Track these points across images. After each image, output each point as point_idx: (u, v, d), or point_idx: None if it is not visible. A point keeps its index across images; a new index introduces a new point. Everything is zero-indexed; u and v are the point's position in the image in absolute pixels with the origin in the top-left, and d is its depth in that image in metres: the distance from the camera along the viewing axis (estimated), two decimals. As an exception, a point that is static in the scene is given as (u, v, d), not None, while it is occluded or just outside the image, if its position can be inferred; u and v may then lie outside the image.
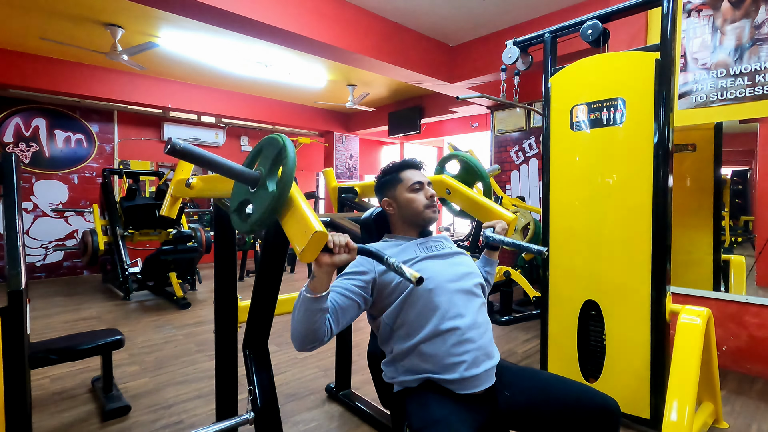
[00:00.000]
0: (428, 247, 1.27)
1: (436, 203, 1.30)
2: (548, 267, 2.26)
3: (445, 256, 1.26)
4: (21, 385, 1.29)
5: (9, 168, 1.38)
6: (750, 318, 2.56)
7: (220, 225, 1.72)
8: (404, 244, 1.27)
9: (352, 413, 2.14)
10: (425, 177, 1.32)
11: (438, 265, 1.21)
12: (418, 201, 1.28)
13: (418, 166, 1.35)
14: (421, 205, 1.28)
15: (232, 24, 3.16)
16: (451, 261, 1.26)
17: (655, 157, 1.88)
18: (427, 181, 1.31)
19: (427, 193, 1.29)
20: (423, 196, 1.28)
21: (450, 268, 1.22)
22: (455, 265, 1.25)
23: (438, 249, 1.28)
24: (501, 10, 3.72)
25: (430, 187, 1.31)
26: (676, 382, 1.67)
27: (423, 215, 1.28)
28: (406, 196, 1.29)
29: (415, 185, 1.29)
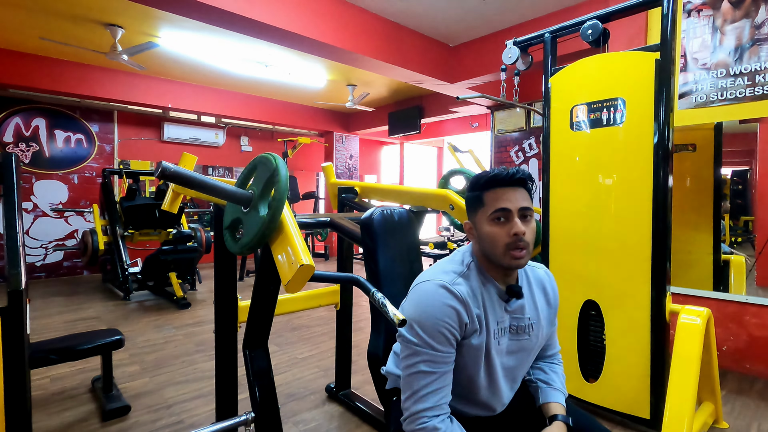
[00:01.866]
0: (515, 317, 1.02)
1: (526, 242, 0.94)
2: (548, 267, 2.26)
3: (520, 333, 1.03)
4: (21, 385, 1.29)
5: (9, 168, 1.38)
6: (750, 318, 2.56)
7: (220, 225, 1.72)
8: (492, 295, 1.00)
9: (352, 413, 2.14)
10: (520, 201, 0.95)
11: (506, 350, 1.03)
12: (496, 238, 0.94)
13: (514, 181, 0.96)
14: (501, 244, 0.94)
15: (232, 24, 3.16)
16: (521, 341, 1.04)
17: (655, 157, 1.87)
18: (519, 207, 0.94)
19: (513, 228, 0.93)
20: (506, 233, 0.94)
21: (514, 354, 1.04)
22: (522, 348, 1.04)
23: (519, 320, 1.03)
24: (501, 10, 3.72)
25: (526, 220, 0.95)
26: (676, 382, 1.67)
27: (502, 260, 0.95)
28: (485, 229, 0.97)
29: (498, 214, 0.95)
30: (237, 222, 1.24)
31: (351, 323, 2.33)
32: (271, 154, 1.17)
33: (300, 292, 1.41)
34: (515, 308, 1.02)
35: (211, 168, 7.09)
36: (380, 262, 1.35)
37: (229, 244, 1.24)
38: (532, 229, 0.96)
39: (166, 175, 0.97)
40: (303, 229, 1.26)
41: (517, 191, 0.96)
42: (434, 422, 0.91)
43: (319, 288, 2.12)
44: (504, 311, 1.01)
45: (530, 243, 0.95)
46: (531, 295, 1.05)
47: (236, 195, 1.17)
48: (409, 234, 1.51)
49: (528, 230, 0.94)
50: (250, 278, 5.75)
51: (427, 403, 0.92)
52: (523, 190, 0.97)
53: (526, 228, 0.94)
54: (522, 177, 0.96)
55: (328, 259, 7.24)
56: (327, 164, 2.41)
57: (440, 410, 0.93)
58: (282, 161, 1.15)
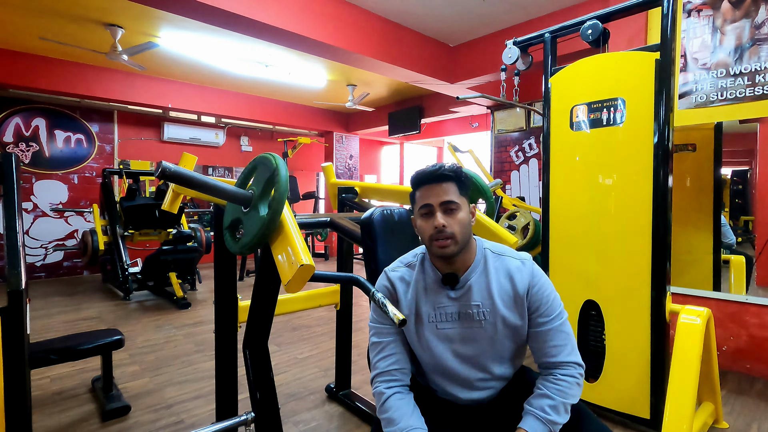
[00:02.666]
0: (462, 303, 1.04)
1: (449, 233, 0.99)
2: (548, 267, 2.26)
3: (470, 320, 1.04)
4: (21, 385, 1.29)
5: (9, 168, 1.38)
6: (750, 318, 2.56)
7: (220, 225, 1.72)
8: (429, 282, 1.07)
9: (352, 413, 2.14)
10: (442, 195, 1.00)
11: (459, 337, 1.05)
12: (424, 232, 1.03)
13: (435, 178, 1.01)
14: (427, 236, 1.01)
15: (232, 24, 3.16)
16: (473, 328, 1.04)
17: (655, 157, 1.87)
18: (441, 201, 1.00)
19: (434, 221, 0.99)
20: (431, 226, 1.00)
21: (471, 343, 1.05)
22: (477, 336, 1.04)
23: (467, 307, 1.04)
24: (501, 10, 3.72)
25: (450, 213, 1.00)
26: (676, 382, 1.67)
27: (431, 250, 1.03)
28: (417, 223, 1.05)
29: (424, 210, 1.03)
30: (237, 222, 1.24)
31: (351, 323, 2.33)
32: (271, 154, 1.17)
33: (300, 292, 1.41)
34: (460, 295, 1.04)
35: (211, 168, 7.09)
36: (380, 262, 1.35)
37: (229, 244, 1.24)
38: (459, 221, 0.99)
39: (166, 175, 0.97)
40: (303, 229, 1.26)
41: (441, 186, 1.01)
42: (381, 387, 1.05)
43: (319, 288, 2.12)
44: (447, 298, 1.05)
45: (457, 234, 0.99)
46: (485, 282, 1.04)
47: (236, 195, 1.17)
48: (409, 234, 1.51)
49: (453, 222, 0.99)
50: (250, 278, 5.75)
51: (378, 369, 1.06)
52: (449, 184, 1.01)
53: (450, 220, 0.99)
54: (443, 172, 1.01)
55: (328, 259, 7.24)
56: (327, 164, 2.41)
57: (389, 376, 1.05)
58: (282, 161, 1.16)
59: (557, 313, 1.04)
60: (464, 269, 1.04)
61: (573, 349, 1.03)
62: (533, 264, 1.07)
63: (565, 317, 1.05)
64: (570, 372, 1.01)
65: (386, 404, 1.02)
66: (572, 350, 1.03)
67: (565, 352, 1.02)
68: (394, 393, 1.03)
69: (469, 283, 1.04)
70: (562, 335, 1.03)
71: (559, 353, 1.02)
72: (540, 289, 1.03)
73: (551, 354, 1.02)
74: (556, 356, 1.02)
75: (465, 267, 1.05)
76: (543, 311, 1.03)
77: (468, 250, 1.04)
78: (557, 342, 1.02)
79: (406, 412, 1.00)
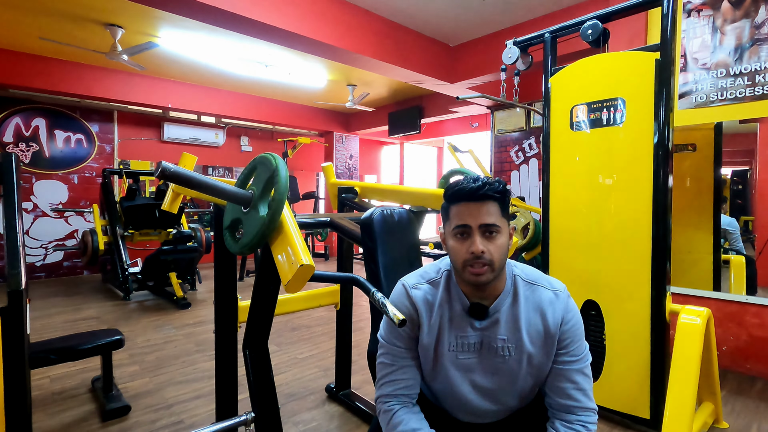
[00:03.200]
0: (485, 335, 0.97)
1: (487, 260, 0.89)
2: (548, 267, 2.26)
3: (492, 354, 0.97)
4: (21, 385, 1.29)
5: (9, 168, 1.38)
6: (750, 318, 2.56)
7: (220, 225, 1.72)
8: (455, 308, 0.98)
9: (352, 413, 2.14)
10: (483, 217, 0.89)
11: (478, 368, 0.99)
12: (457, 254, 0.92)
13: (478, 197, 0.90)
14: (460, 260, 0.91)
15: (232, 24, 3.16)
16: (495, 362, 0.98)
17: (655, 157, 1.88)
18: (481, 223, 0.89)
19: (471, 246, 0.89)
20: (465, 249, 0.90)
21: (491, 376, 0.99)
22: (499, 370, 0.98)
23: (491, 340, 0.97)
24: (501, 10, 3.72)
25: (490, 237, 0.90)
26: (676, 382, 1.67)
27: (462, 275, 0.93)
28: (450, 242, 0.95)
29: (459, 230, 0.92)
30: (237, 222, 1.24)
31: (351, 323, 2.33)
32: (271, 154, 1.17)
33: (300, 292, 1.41)
34: (485, 326, 0.96)
35: (211, 168, 7.09)
36: (380, 262, 1.36)
37: (229, 244, 1.24)
38: (498, 246, 0.90)
39: (166, 175, 0.97)
40: (303, 229, 1.26)
41: (482, 206, 0.90)
42: (385, 406, 1.01)
43: (319, 288, 2.12)
44: (471, 327, 0.97)
45: (495, 261, 0.90)
46: (514, 316, 0.96)
47: (236, 195, 1.17)
48: (409, 234, 1.51)
49: (492, 247, 0.89)
50: (250, 278, 5.75)
51: (384, 390, 1.02)
52: (492, 204, 0.91)
53: (490, 245, 0.90)
54: (487, 192, 0.90)
55: (328, 259, 7.24)
56: (327, 164, 2.40)
57: (395, 398, 1.01)
58: (282, 161, 1.15)
59: (584, 354, 0.98)
60: (493, 297, 0.96)
61: (591, 394, 0.98)
62: (568, 297, 0.99)
63: (590, 360, 0.99)
64: (591, 419, 0.96)
65: (393, 419, 0.99)
66: (591, 395, 0.98)
67: (590, 397, 0.97)
68: (400, 409, 1.00)
69: (498, 314, 0.96)
70: (586, 379, 0.97)
71: (580, 398, 0.95)
72: (573, 326, 0.96)
73: (572, 397, 0.95)
74: (578, 401, 0.95)
75: (494, 295, 0.96)
76: (571, 350, 0.96)
77: (500, 277, 0.95)
78: (583, 385, 0.96)
79: (414, 420, 0.98)
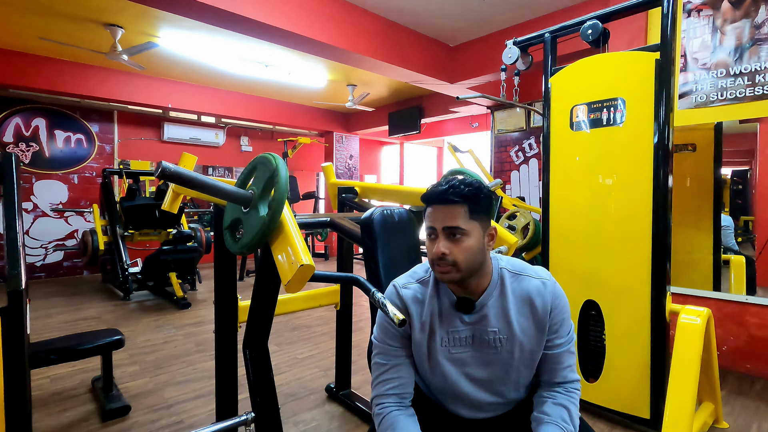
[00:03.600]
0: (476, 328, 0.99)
1: (449, 262, 0.92)
2: (548, 267, 2.26)
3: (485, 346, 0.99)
4: (21, 385, 1.29)
5: (9, 168, 1.38)
6: (750, 318, 2.56)
7: (220, 225, 1.72)
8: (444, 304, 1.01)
9: (352, 413, 2.14)
10: (447, 220, 0.92)
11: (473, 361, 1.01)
12: (428, 253, 0.98)
13: (442, 200, 0.93)
14: (429, 260, 0.97)
15: (232, 24, 3.16)
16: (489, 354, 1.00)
17: (655, 157, 1.88)
18: (445, 226, 0.92)
19: (434, 248, 0.93)
20: (432, 249, 0.95)
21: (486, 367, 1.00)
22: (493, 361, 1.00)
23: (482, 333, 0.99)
24: (501, 10, 3.72)
25: (454, 239, 0.92)
26: (676, 382, 1.67)
27: (434, 272, 0.97)
28: (426, 243, 1.00)
29: (429, 231, 0.96)
30: (237, 222, 1.24)
31: (351, 323, 2.33)
32: (271, 154, 1.17)
33: (300, 292, 1.41)
34: (475, 319, 0.98)
35: (211, 168, 7.09)
36: (380, 262, 1.36)
37: (229, 244, 1.24)
38: (464, 249, 0.92)
39: (166, 175, 0.97)
40: (303, 229, 1.26)
41: (447, 209, 0.92)
42: (377, 408, 1.02)
43: (319, 288, 2.12)
44: (461, 321, 0.99)
45: (459, 262, 0.92)
46: (503, 307, 0.98)
47: (236, 195, 1.17)
48: (409, 234, 1.51)
49: (457, 250, 0.91)
50: (250, 278, 5.75)
51: (378, 390, 1.02)
52: (458, 207, 0.92)
53: (454, 248, 0.92)
54: (450, 196, 0.91)
55: (328, 259, 7.24)
56: (327, 164, 2.40)
57: (388, 398, 1.01)
58: (282, 161, 1.16)
59: (570, 333, 1.02)
60: (479, 293, 0.98)
61: (575, 367, 1.04)
62: (555, 284, 1.01)
63: (574, 337, 1.04)
64: (578, 387, 1.02)
65: (383, 423, 0.99)
66: (575, 368, 1.04)
67: (573, 372, 1.02)
68: (392, 411, 1.00)
69: (486, 308, 0.98)
70: (571, 356, 1.02)
71: (569, 374, 1.01)
72: (561, 311, 0.99)
73: (562, 375, 1.00)
74: (567, 377, 1.01)
75: (480, 291, 0.98)
76: (560, 333, 1.00)
77: (482, 274, 0.97)
78: (568, 363, 1.01)
79: (405, 423, 0.98)
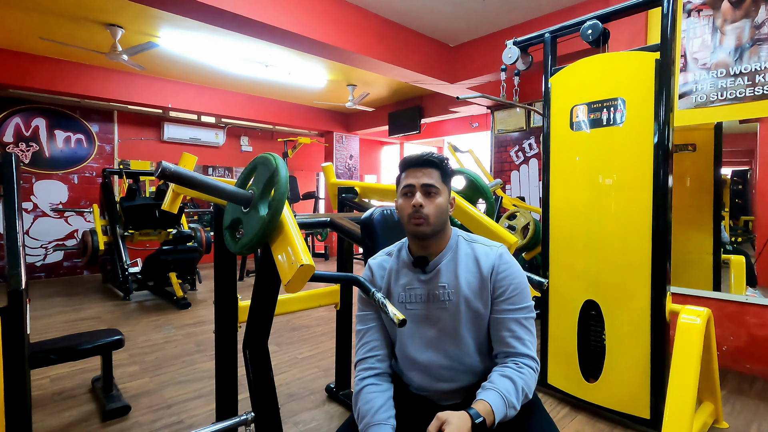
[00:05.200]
0: (430, 285, 1.07)
1: (426, 214, 1.03)
2: (548, 267, 2.26)
3: (435, 301, 1.06)
4: (21, 385, 1.29)
5: (9, 168, 1.38)
6: (750, 318, 2.56)
7: (220, 225, 1.72)
8: (401, 264, 1.12)
9: (352, 413, 2.14)
10: (424, 178, 1.06)
11: (425, 318, 1.07)
12: (402, 210, 1.07)
13: (419, 163, 1.07)
14: (405, 214, 1.06)
15: (232, 24, 3.16)
16: (438, 309, 1.06)
17: (655, 157, 1.88)
18: (422, 183, 1.05)
19: (414, 200, 1.04)
20: (409, 204, 1.05)
21: (435, 325, 1.06)
22: (441, 317, 1.06)
23: (433, 288, 1.07)
24: (501, 10, 3.72)
25: (429, 196, 1.05)
26: (676, 382, 1.67)
27: (407, 227, 1.07)
28: (398, 202, 1.10)
29: (405, 189, 1.07)
30: (237, 222, 1.24)
31: (351, 323, 2.33)
32: (271, 154, 1.18)
33: (300, 292, 1.41)
34: (429, 277, 1.08)
35: (211, 168, 7.09)
36: (380, 262, 1.35)
37: (229, 244, 1.24)
38: (436, 205, 1.04)
39: (166, 175, 0.97)
40: (303, 229, 1.26)
41: (424, 171, 1.06)
42: (358, 377, 1.08)
43: (319, 288, 2.12)
44: (417, 281, 1.09)
45: (431, 216, 1.03)
46: (454, 265, 1.07)
47: (236, 195, 1.17)
48: (409, 234, 1.51)
49: (431, 206, 1.04)
50: (250, 278, 5.75)
51: (358, 355, 1.10)
52: (432, 170, 1.06)
53: (428, 202, 1.04)
54: (428, 158, 1.06)
55: (328, 259, 7.24)
56: (327, 164, 2.41)
57: (365, 364, 1.08)
58: (282, 161, 1.16)
59: (524, 306, 1.04)
60: (436, 254, 1.08)
61: (534, 347, 1.04)
62: (505, 252, 1.09)
63: (533, 315, 1.06)
64: (531, 365, 1.01)
65: (359, 396, 1.03)
66: (533, 347, 1.03)
67: (527, 346, 1.02)
68: (367, 384, 1.04)
69: (439, 266, 1.07)
70: (526, 330, 1.03)
71: (521, 346, 1.01)
72: (507, 275, 1.05)
73: (512, 345, 1.01)
74: (518, 348, 1.01)
75: (437, 251, 1.09)
76: (508, 298, 1.03)
77: (442, 236, 1.08)
78: (520, 334, 1.02)
79: (374, 405, 0.99)
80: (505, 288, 1.04)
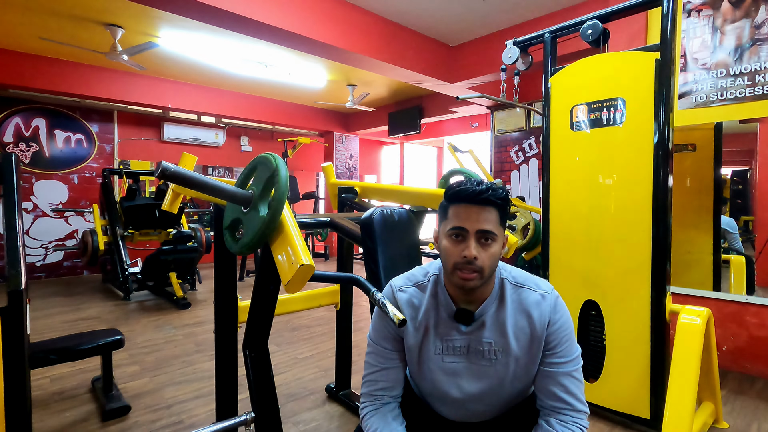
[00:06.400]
0: (473, 339, 0.96)
1: (478, 267, 0.87)
2: (548, 267, 2.26)
3: (479, 358, 0.96)
4: (21, 385, 1.29)
5: (9, 168, 1.38)
6: (750, 318, 2.56)
7: (220, 225, 1.72)
8: (440, 312, 0.98)
9: (352, 413, 2.14)
10: (482, 223, 0.88)
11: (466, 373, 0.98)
12: (449, 255, 0.90)
13: (477, 200, 0.88)
14: (452, 262, 0.90)
15: (232, 24, 3.16)
16: (482, 366, 0.96)
17: (655, 157, 1.88)
18: (479, 229, 0.88)
19: (465, 250, 0.87)
20: (459, 252, 0.88)
21: (480, 380, 0.97)
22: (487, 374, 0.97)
23: (477, 344, 0.96)
24: (501, 10, 3.72)
25: (484, 244, 0.88)
26: (676, 382, 1.67)
27: (451, 277, 0.92)
28: (443, 243, 0.92)
29: (455, 231, 0.90)
30: (237, 222, 1.24)
31: (351, 323, 2.33)
32: (271, 154, 1.17)
33: (300, 292, 1.41)
34: (471, 330, 0.96)
35: (211, 168, 7.09)
36: (380, 262, 1.36)
37: (229, 244, 1.24)
38: (491, 255, 0.89)
39: (166, 175, 0.97)
40: (303, 229, 1.26)
41: (482, 211, 0.89)
42: (362, 407, 1.03)
43: (319, 288, 2.12)
44: (457, 331, 0.97)
45: (486, 268, 0.88)
46: (501, 318, 0.95)
47: (236, 195, 1.17)
48: (409, 234, 1.51)
49: (485, 255, 0.88)
50: (250, 278, 5.75)
51: (365, 388, 1.03)
52: (492, 210, 0.89)
53: (483, 253, 0.88)
54: (489, 196, 0.88)
55: (328, 259, 7.24)
56: (327, 164, 2.41)
57: (375, 399, 1.02)
58: (282, 161, 1.16)
59: (574, 357, 0.95)
60: (480, 301, 0.95)
61: (583, 397, 0.96)
62: (556, 297, 0.97)
63: (581, 364, 0.97)
64: (582, 423, 0.93)
65: (366, 423, 1.00)
66: (582, 398, 0.96)
67: (577, 400, 0.94)
68: (375, 414, 1.00)
69: (483, 318, 0.95)
70: (576, 383, 0.95)
71: (574, 401, 0.93)
72: (560, 326, 0.94)
73: (565, 400, 0.93)
74: (571, 403, 0.93)
75: (481, 299, 0.95)
76: (559, 351, 0.94)
77: (488, 282, 0.94)
78: (572, 389, 0.94)
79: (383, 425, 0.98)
80: (558, 341, 0.94)
